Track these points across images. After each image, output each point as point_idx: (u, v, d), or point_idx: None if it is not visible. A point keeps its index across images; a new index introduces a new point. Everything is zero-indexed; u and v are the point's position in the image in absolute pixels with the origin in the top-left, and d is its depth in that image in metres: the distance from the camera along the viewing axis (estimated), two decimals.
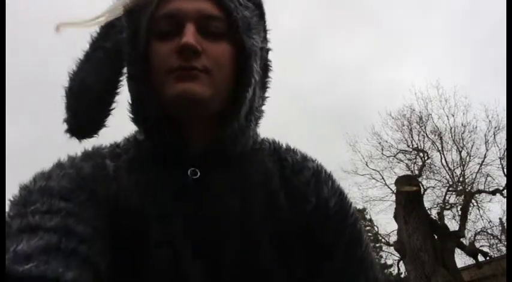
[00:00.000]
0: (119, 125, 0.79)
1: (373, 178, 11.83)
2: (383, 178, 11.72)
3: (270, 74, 0.77)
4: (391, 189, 11.14)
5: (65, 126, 0.73)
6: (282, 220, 0.69)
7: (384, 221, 15.68)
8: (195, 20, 0.65)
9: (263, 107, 0.76)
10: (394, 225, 8.19)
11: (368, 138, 12.06)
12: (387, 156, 11.76)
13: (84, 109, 0.72)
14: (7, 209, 0.62)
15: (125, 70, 0.73)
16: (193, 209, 0.66)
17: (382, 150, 11.82)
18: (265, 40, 0.75)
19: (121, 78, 0.74)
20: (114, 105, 0.74)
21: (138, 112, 0.70)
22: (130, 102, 0.71)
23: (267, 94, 0.77)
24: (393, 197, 9.96)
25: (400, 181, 8.39)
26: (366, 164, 11.92)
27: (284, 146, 0.79)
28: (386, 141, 11.88)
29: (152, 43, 0.67)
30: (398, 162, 11.71)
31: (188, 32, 0.64)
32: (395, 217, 8.22)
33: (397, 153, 11.74)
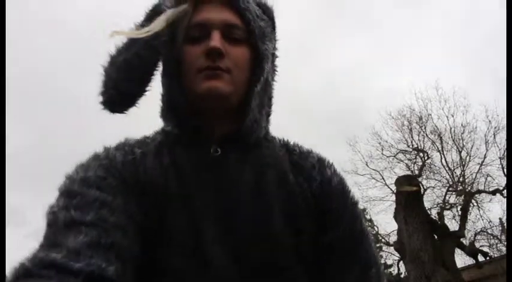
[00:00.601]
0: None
1: (373, 178, 11.84)
2: (383, 178, 11.74)
3: (276, 78, 0.90)
4: (391, 189, 11.15)
5: (100, 98, 0.80)
6: (291, 192, 0.80)
7: (384, 221, 15.69)
8: (220, 28, 0.79)
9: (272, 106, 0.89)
10: (394, 225, 8.21)
11: (368, 138, 12.08)
12: (387, 156, 11.78)
13: (124, 83, 0.80)
14: (55, 197, 0.71)
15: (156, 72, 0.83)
16: (213, 181, 0.77)
17: (382, 150, 11.84)
18: (275, 47, 0.89)
19: (155, 72, 0.83)
20: (148, 88, 0.82)
21: (169, 103, 0.83)
22: (162, 94, 0.84)
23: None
24: (393, 197, 9.97)
25: (400, 181, 8.39)
26: (366, 164, 11.93)
27: (291, 142, 0.91)
28: (386, 141, 11.90)
29: (185, 46, 0.80)
30: (398, 162, 11.73)
31: (215, 38, 0.77)
32: (395, 217, 8.23)
33: (397, 153, 11.75)
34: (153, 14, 0.82)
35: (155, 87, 0.85)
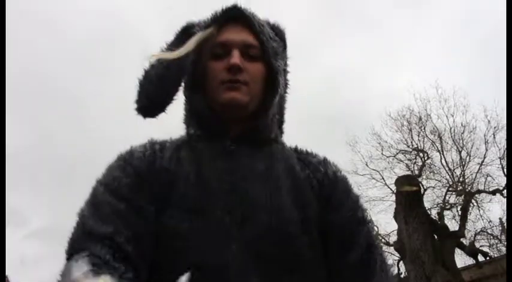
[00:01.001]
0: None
1: (373, 178, 11.82)
2: (383, 178, 11.72)
3: (288, 90, 1.04)
4: (391, 189, 11.14)
5: (135, 105, 0.95)
6: (297, 179, 0.92)
7: (384, 221, 15.58)
8: (239, 47, 0.93)
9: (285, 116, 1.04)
10: (394, 225, 8.21)
11: (368, 138, 12.07)
12: (387, 157, 11.77)
13: (155, 93, 0.94)
14: (96, 185, 0.87)
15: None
16: (228, 167, 0.88)
17: (382, 150, 11.83)
18: (286, 64, 1.03)
19: (181, 84, 0.97)
20: (175, 97, 0.97)
21: (193, 111, 0.98)
22: (186, 103, 1.00)
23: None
24: (393, 197, 9.96)
25: (400, 181, 8.40)
26: (366, 164, 11.91)
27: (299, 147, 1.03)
28: (386, 142, 11.89)
29: (209, 62, 0.94)
30: (398, 163, 11.72)
31: (235, 55, 0.92)
32: (395, 217, 8.23)
33: (397, 154, 11.74)
34: (183, 35, 0.98)
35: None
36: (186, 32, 0.99)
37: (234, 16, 0.97)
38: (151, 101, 0.95)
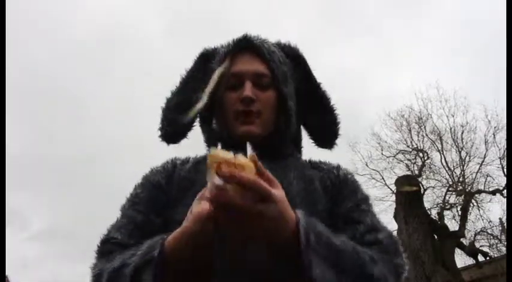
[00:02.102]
0: None
1: (373, 178, 11.83)
2: (383, 178, 11.73)
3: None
4: (391, 189, 11.15)
5: (159, 133, 1.08)
6: (310, 182, 1.00)
7: (384, 221, 15.55)
8: (251, 78, 1.01)
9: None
10: (394, 225, 8.20)
11: (368, 138, 12.07)
12: (387, 157, 11.78)
13: (176, 122, 1.06)
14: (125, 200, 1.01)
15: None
16: None
17: (382, 150, 11.84)
18: (302, 82, 1.12)
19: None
20: (194, 124, 1.09)
21: (214, 135, 1.08)
22: (204, 129, 1.11)
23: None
24: (393, 197, 9.98)
25: (400, 181, 8.41)
26: (366, 164, 11.93)
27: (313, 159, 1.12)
28: (386, 142, 11.90)
29: (225, 93, 1.03)
30: (398, 163, 11.72)
31: (247, 87, 1.00)
32: (395, 217, 8.23)
33: (397, 154, 11.75)
34: (201, 61, 1.12)
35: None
36: (204, 59, 1.12)
37: (245, 46, 1.05)
38: (173, 130, 1.07)
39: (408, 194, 7.84)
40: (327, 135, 1.16)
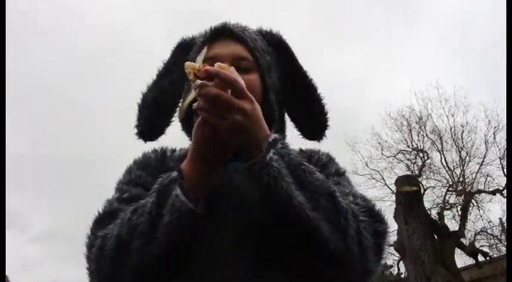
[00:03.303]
0: None
1: (373, 178, 11.86)
2: (383, 178, 11.75)
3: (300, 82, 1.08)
4: (391, 189, 11.16)
5: (135, 130, 1.03)
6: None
7: None
8: (228, 60, 0.91)
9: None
10: (394, 225, 8.19)
11: (368, 138, 12.08)
12: (387, 157, 11.79)
13: (153, 118, 1.01)
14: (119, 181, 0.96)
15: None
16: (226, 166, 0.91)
17: (382, 150, 11.84)
18: (285, 70, 1.05)
19: (178, 102, 1.03)
20: (172, 119, 1.04)
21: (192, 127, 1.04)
22: (183, 124, 1.03)
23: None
24: (393, 197, 9.97)
25: (400, 181, 8.39)
26: (366, 164, 11.95)
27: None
28: (386, 142, 11.91)
29: None
30: (398, 163, 11.73)
31: None
32: (395, 217, 8.22)
33: (397, 154, 11.76)
34: (178, 51, 1.05)
35: None
36: (181, 49, 1.05)
37: (224, 33, 0.99)
38: (150, 126, 1.02)
39: (408, 194, 7.82)
40: (314, 126, 1.09)
